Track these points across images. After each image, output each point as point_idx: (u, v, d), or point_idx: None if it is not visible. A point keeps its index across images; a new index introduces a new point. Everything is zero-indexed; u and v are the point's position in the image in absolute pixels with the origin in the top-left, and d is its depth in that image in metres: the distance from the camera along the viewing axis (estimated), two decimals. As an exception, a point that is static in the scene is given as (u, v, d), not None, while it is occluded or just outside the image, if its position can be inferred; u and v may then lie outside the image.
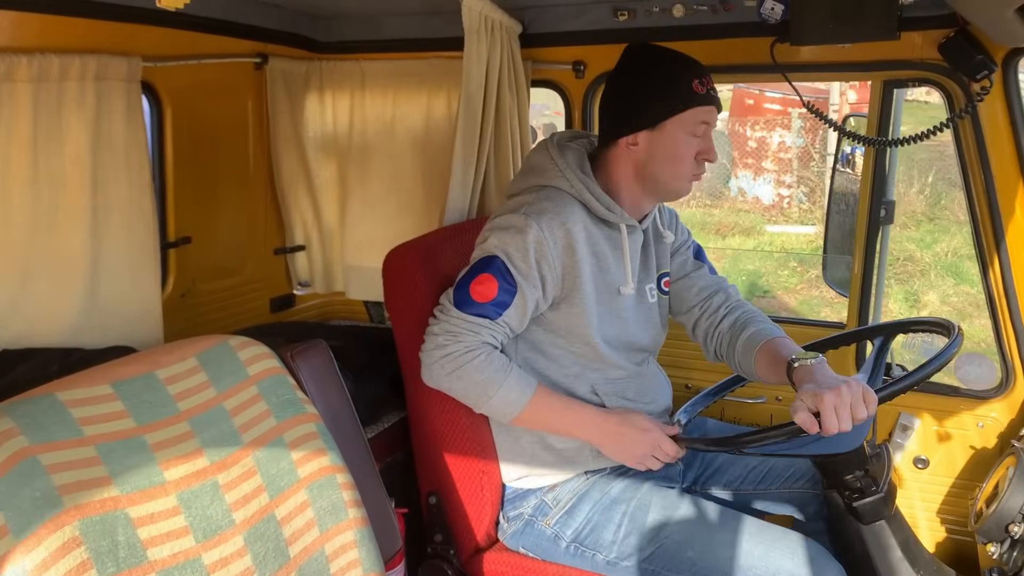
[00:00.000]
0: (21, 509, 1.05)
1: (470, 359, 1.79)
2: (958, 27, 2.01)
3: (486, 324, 1.82)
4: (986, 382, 2.23)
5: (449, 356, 1.79)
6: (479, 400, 1.82)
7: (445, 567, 2.04)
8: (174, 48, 2.30)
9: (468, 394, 1.83)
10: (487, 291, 1.82)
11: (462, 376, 1.80)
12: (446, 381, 1.82)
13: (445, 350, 1.80)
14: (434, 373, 1.82)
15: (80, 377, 1.26)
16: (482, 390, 1.80)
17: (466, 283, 1.84)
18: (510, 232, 1.83)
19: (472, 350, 1.80)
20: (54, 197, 1.97)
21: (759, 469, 2.09)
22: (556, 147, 1.96)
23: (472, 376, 1.79)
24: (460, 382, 1.81)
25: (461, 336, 1.80)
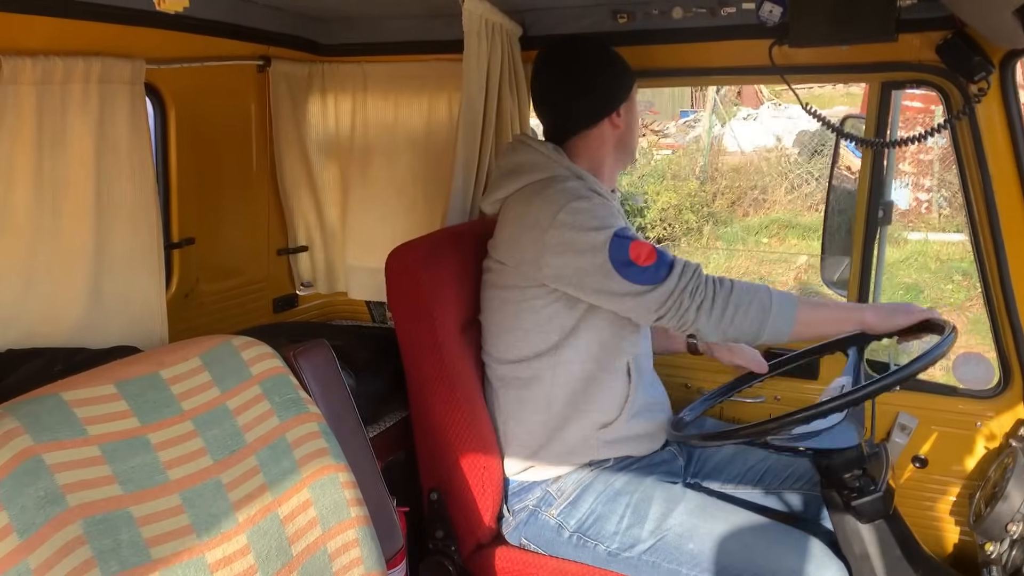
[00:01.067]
0: (25, 508, 1.06)
1: (720, 284, 1.80)
2: (956, 29, 2.01)
3: (685, 261, 1.83)
4: (984, 382, 2.24)
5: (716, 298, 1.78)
6: (763, 315, 1.79)
7: (446, 563, 2.06)
8: (178, 50, 2.31)
9: (750, 315, 1.79)
10: (645, 251, 1.82)
11: (739, 304, 1.78)
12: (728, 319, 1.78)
13: (701, 294, 1.78)
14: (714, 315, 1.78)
15: (84, 377, 1.27)
16: (761, 304, 1.79)
17: (632, 265, 1.81)
18: (585, 214, 1.85)
19: (713, 282, 1.80)
20: (58, 199, 1.98)
21: (758, 467, 2.11)
22: (538, 142, 2.05)
23: (742, 298, 1.79)
24: (739, 310, 1.78)
25: (695, 277, 1.79)
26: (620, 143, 2.08)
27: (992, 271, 2.14)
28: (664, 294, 1.78)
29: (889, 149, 2.34)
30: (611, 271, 1.81)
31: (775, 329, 1.80)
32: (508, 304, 1.98)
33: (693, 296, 1.78)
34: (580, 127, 2.05)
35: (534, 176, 1.98)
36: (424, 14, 2.58)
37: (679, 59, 2.35)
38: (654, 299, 1.79)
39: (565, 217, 1.85)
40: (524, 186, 1.98)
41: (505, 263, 1.97)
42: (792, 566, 1.74)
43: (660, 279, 1.79)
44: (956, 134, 2.13)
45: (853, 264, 2.37)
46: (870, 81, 2.29)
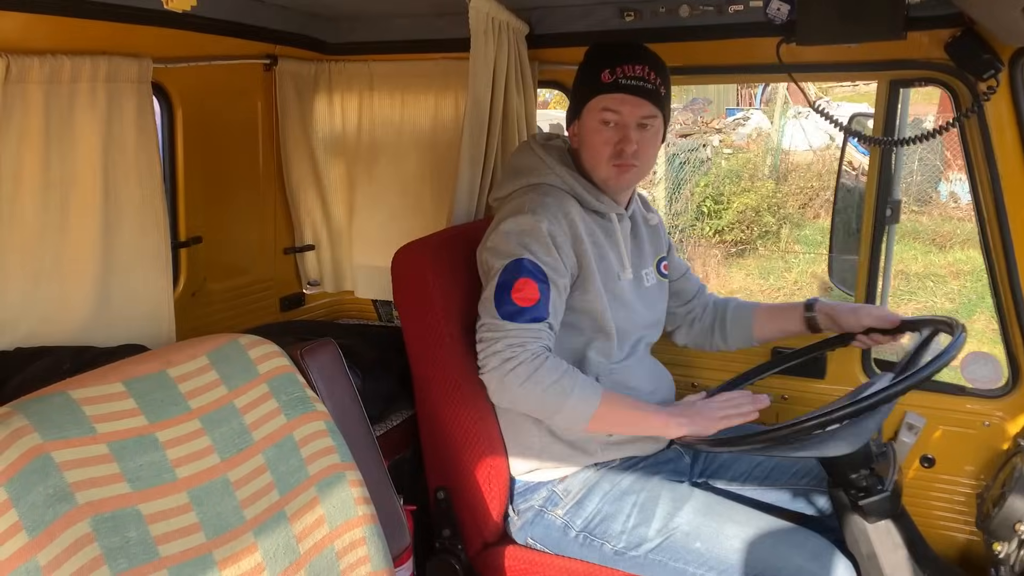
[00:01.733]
0: (34, 506, 1.07)
1: (540, 363, 1.77)
2: (965, 26, 2.01)
3: (543, 327, 1.81)
4: (992, 382, 2.23)
5: (521, 365, 1.76)
6: (556, 403, 1.78)
7: (453, 562, 2.06)
8: (185, 49, 2.32)
9: (545, 400, 1.78)
10: (529, 294, 1.81)
11: (538, 381, 1.76)
12: (522, 392, 1.77)
13: (515, 361, 1.77)
14: (509, 387, 1.78)
15: (92, 375, 1.28)
16: (559, 391, 1.77)
17: (506, 292, 1.82)
18: (525, 232, 1.86)
19: (539, 355, 1.78)
20: (66, 197, 1.99)
21: (765, 465, 2.10)
22: (541, 146, 2.04)
23: (546, 379, 1.76)
24: (537, 387, 1.76)
25: (527, 344, 1.78)
26: (584, 162, 2.02)
27: (1001, 269, 2.14)
28: (495, 330, 1.80)
29: (897, 148, 2.33)
30: (495, 278, 1.84)
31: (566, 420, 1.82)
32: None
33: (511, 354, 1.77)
34: None
35: (527, 180, 2.01)
36: (430, 12, 2.58)
37: (686, 57, 2.35)
38: (489, 326, 1.82)
39: (507, 223, 1.89)
40: (516, 189, 2.01)
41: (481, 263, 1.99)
42: (799, 565, 1.73)
43: (510, 318, 1.80)
44: (965, 132, 2.12)
45: (860, 263, 2.36)
46: (878, 79, 2.28)
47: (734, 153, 11.32)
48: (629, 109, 1.94)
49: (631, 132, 1.95)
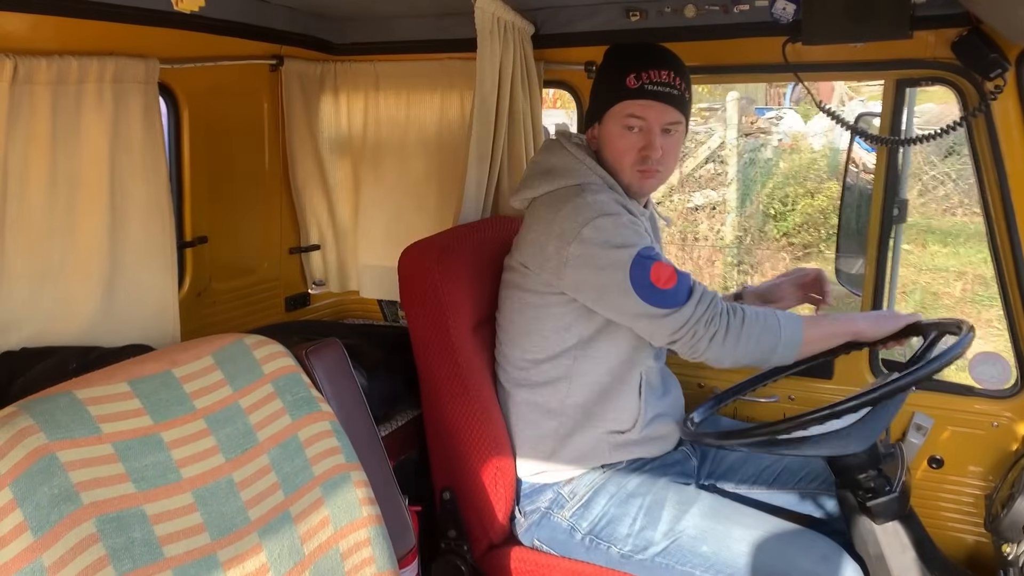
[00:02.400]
0: (40, 506, 1.07)
1: (735, 315, 1.80)
2: (971, 26, 2.00)
3: (700, 287, 1.83)
4: (1001, 382, 2.22)
5: (725, 327, 1.78)
6: (774, 340, 1.81)
7: (458, 563, 2.06)
8: (191, 50, 2.32)
9: (763, 342, 1.81)
10: (668, 273, 1.81)
11: (749, 332, 1.79)
12: (742, 347, 1.80)
13: (715, 325, 1.79)
14: (727, 350, 1.80)
15: (98, 375, 1.28)
16: (769, 330, 1.80)
17: (651, 287, 1.80)
18: (610, 231, 1.84)
19: (728, 311, 1.80)
20: (72, 198, 1.99)
21: (773, 468, 2.10)
22: (574, 146, 2.01)
23: (753, 326, 1.79)
24: (751, 339, 1.79)
25: (711, 306, 1.80)
26: (606, 166, 2.01)
27: (1009, 269, 2.13)
28: (680, 321, 1.79)
29: (904, 147, 2.32)
30: (629, 290, 1.79)
31: (783, 353, 1.83)
32: (528, 307, 1.98)
33: (708, 326, 1.78)
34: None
35: (566, 181, 1.95)
36: (436, 13, 2.58)
37: (692, 57, 2.33)
38: (670, 324, 1.80)
39: (589, 232, 1.83)
40: (555, 190, 1.96)
41: (528, 267, 1.96)
42: (807, 568, 1.73)
43: (678, 304, 1.79)
44: (972, 131, 2.12)
45: (868, 262, 2.36)
46: (885, 79, 2.27)
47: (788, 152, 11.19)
48: (655, 115, 1.92)
49: (656, 138, 1.93)
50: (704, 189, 8.67)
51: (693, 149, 8.73)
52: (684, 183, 8.72)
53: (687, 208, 8.62)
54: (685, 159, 8.59)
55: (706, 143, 8.68)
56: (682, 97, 1.95)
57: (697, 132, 8.89)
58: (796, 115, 11.70)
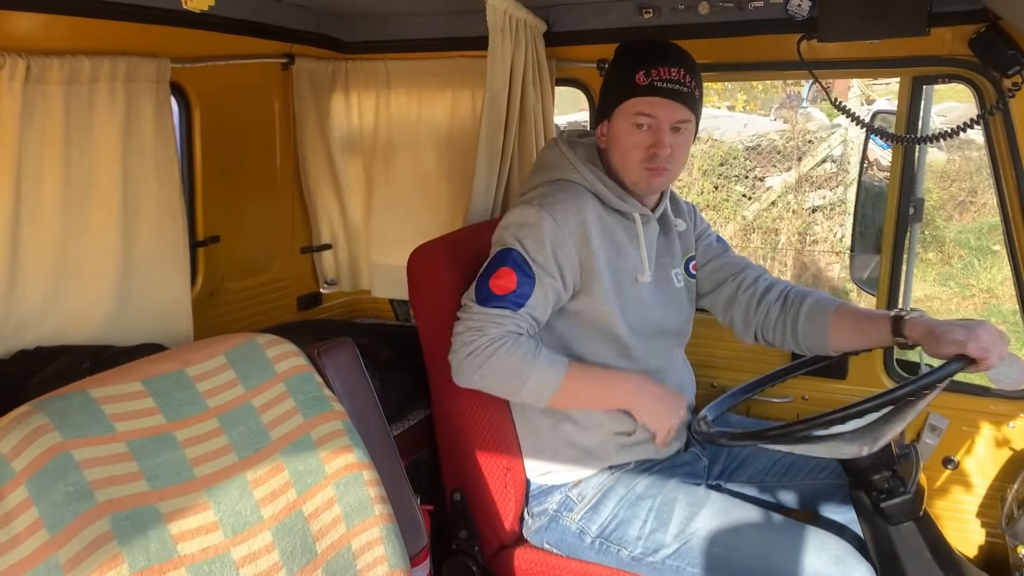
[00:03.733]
0: (55, 504, 1.07)
1: (496, 348, 1.78)
2: (989, 22, 1.98)
3: (508, 315, 1.82)
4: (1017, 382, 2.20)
5: (476, 351, 1.79)
6: (514, 387, 1.81)
7: (470, 563, 2.05)
8: (202, 49, 2.33)
9: (502, 384, 1.82)
10: (507, 283, 1.83)
11: (493, 367, 1.78)
12: (478, 376, 1.80)
13: (471, 346, 1.79)
14: (464, 371, 1.82)
15: (112, 374, 1.29)
16: (515, 375, 1.79)
17: (485, 279, 1.85)
18: (525, 225, 1.86)
19: (497, 340, 1.79)
20: (85, 197, 2.00)
21: (783, 462, 2.08)
22: (566, 143, 2.02)
23: (502, 364, 1.78)
24: (492, 374, 1.79)
25: (485, 329, 1.80)
26: (612, 164, 1.98)
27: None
28: (465, 317, 1.84)
29: (920, 145, 2.31)
30: (481, 272, 1.87)
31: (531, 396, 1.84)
32: None
33: (474, 333, 1.80)
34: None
35: (548, 176, 1.99)
36: (448, 11, 2.58)
37: (705, 54, 2.32)
38: (462, 316, 1.85)
39: (510, 216, 1.91)
40: (538, 184, 1.99)
41: None
42: (819, 568, 1.71)
43: (480, 302, 1.83)
44: (989, 129, 2.10)
45: (883, 262, 2.34)
46: (901, 76, 2.26)
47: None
48: (664, 113, 1.90)
49: (665, 136, 1.91)
50: (821, 189, 8.30)
51: (812, 147, 8.44)
52: (801, 183, 8.41)
53: (805, 209, 8.27)
54: (803, 158, 8.36)
55: (826, 140, 8.33)
56: (692, 95, 1.93)
57: (814, 130, 8.62)
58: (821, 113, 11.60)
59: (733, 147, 8.75)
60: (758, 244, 8.24)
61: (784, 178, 8.42)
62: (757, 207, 8.32)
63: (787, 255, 8.07)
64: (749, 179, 8.55)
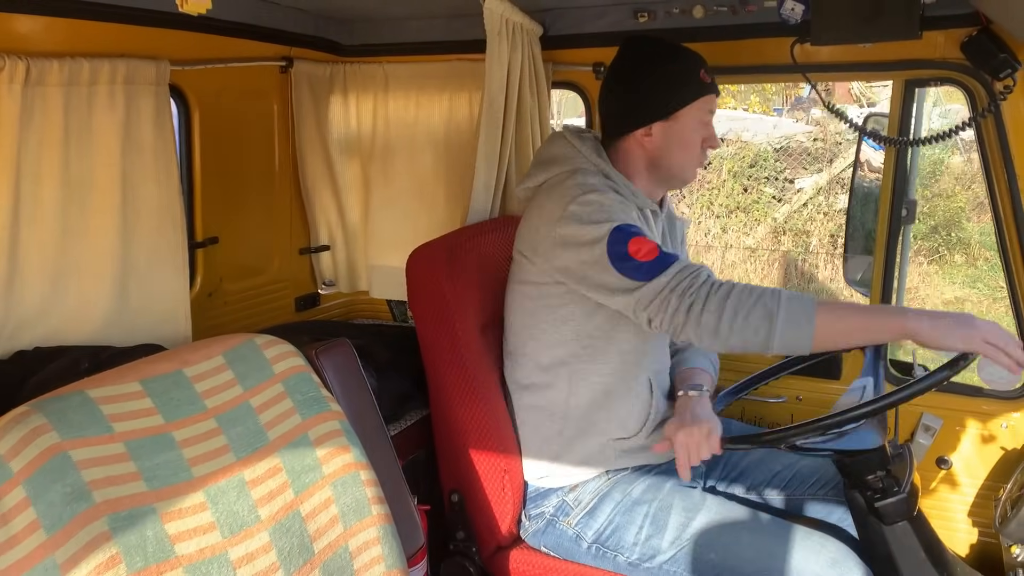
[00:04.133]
0: (52, 504, 1.08)
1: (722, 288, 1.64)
2: (981, 26, 1.99)
3: (688, 262, 1.73)
4: (1010, 383, 2.21)
5: (708, 299, 1.63)
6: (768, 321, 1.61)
7: (467, 564, 2.06)
8: (201, 52, 2.34)
9: (751, 320, 1.62)
10: (648, 247, 1.72)
11: (738, 307, 1.62)
12: (726, 324, 1.62)
13: (692, 296, 1.65)
14: (707, 325, 1.64)
15: (110, 375, 1.29)
16: (766, 309, 1.61)
17: (627, 263, 1.72)
18: (595, 206, 1.80)
19: (708, 283, 1.66)
20: (84, 199, 2.01)
21: (783, 474, 2.08)
22: (575, 136, 2.00)
23: (742, 301, 1.62)
24: (738, 314, 1.62)
25: (691, 276, 1.67)
26: (652, 164, 1.98)
27: (1018, 268, 2.12)
28: (653, 291, 1.68)
29: (912, 148, 2.32)
30: (607, 264, 1.74)
31: (789, 339, 1.61)
32: (527, 300, 1.98)
33: (683, 296, 1.66)
34: (611, 134, 2.01)
35: (561, 168, 1.96)
36: (445, 14, 2.59)
37: None
38: (645, 295, 1.70)
39: (575, 209, 1.81)
40: (552, 176, 1.96)
41: (525, 255, 1.96)
42: (816, 572, 1.72)
43: (653, 275, 1.69)
44: (981, 132, 2.11)
45: (876, 263, 2.35)
46: (894, 79, 2.27)
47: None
48: (715, 107, 2.02)
49: (714, 129, 2.01)
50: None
51: (844, 148, 8.40)
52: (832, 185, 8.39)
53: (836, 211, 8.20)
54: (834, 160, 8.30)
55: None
56: None
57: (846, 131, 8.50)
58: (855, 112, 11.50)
59: (763, 149, 8.69)
60: (789, 246, 8.20)
61: (815, 180, 8.36)
62: (788, 209, 8.26)
63: (818, 257, 8.03)
64: (779, 181, 8.50)
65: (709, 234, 8.57)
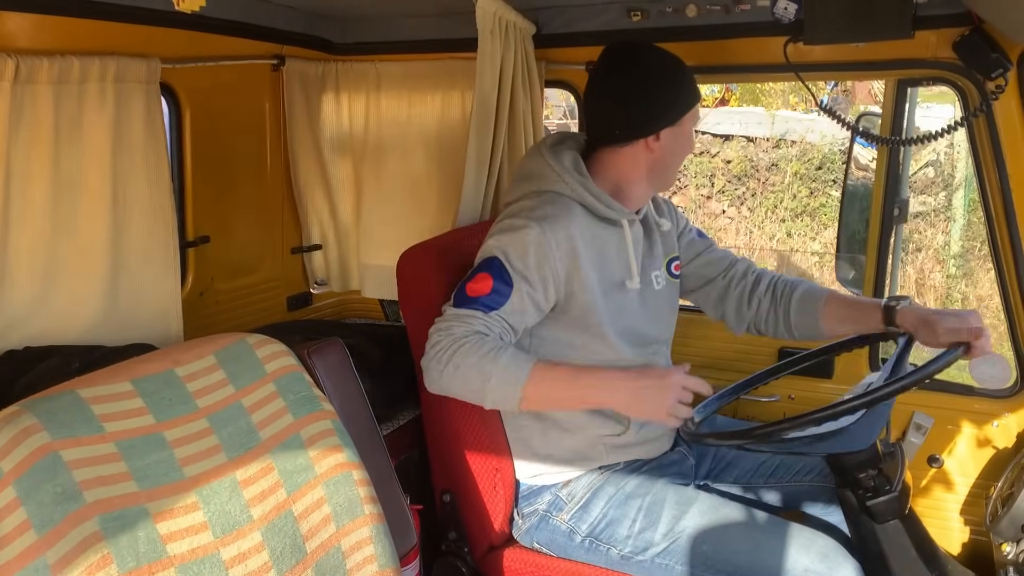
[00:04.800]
0: (43, 504, 1.07)
1: (459, 346, 1.70)
2: (973, 25, 2.00)
3: (479, 315, 1.75)
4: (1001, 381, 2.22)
5: (441, 350, 1.71)
6: (480, 387, 1.69)
7: (459, 564, 2.06)
8: (193, 50, 2.33)
9: (468, 384, 1.70)
10: (481, 287, 1.79)
11: (458, 365, 1.69)
12: (444, 377, 1.71)
13: (437, 347, 1.72)
14: (432, 374, 1.74)
15: (101, 374, 1.29)
16: (477, 373, 1.68)
17: (463, 284, 1.82)
18: (508, 233, 1.82)
19: (461, 338, 1.71)
20: (75, 197, 2.00)
21: (769, 463, 2.10)
22: (550, 151, 1.96)
23: (465, 361, 1.68)
24: (457, 372, 1.69)
25: (452, 329, 1.73)
26: (654, 169, 1.97)
27: (1009, 268, 2.13)
28: (441, 319, 1.78)
29: (904, 147, 2.33)
30: (459, 284, 1.84)
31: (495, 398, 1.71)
32: None
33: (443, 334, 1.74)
34: (611, 142, 1.96)
35: (533, 187, 1.94)
36: (437, 13, 2.58)
37: (693, 57, 2.33)
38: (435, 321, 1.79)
39: (496, 227, 1.87)
40: (524, 194, 1.95)
41: None
42: (806, 566, 1.73)
43: (455, 304, 1.78)
44: (973, 131, 2.12)
45: (868, 263, 2.36)
46: (886, 78, 2.28)
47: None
48: None
49: None
50: (923, 195, 8.07)
51: (915, 151, 8.13)
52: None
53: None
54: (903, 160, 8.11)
55: (929, 145, 7.89)
56: None
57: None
58: (945, 108, 11.31)
59: (831, 151, 8.50)
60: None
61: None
62: (855, 212, 8.09)
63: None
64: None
65: (775, 238, 8.40)
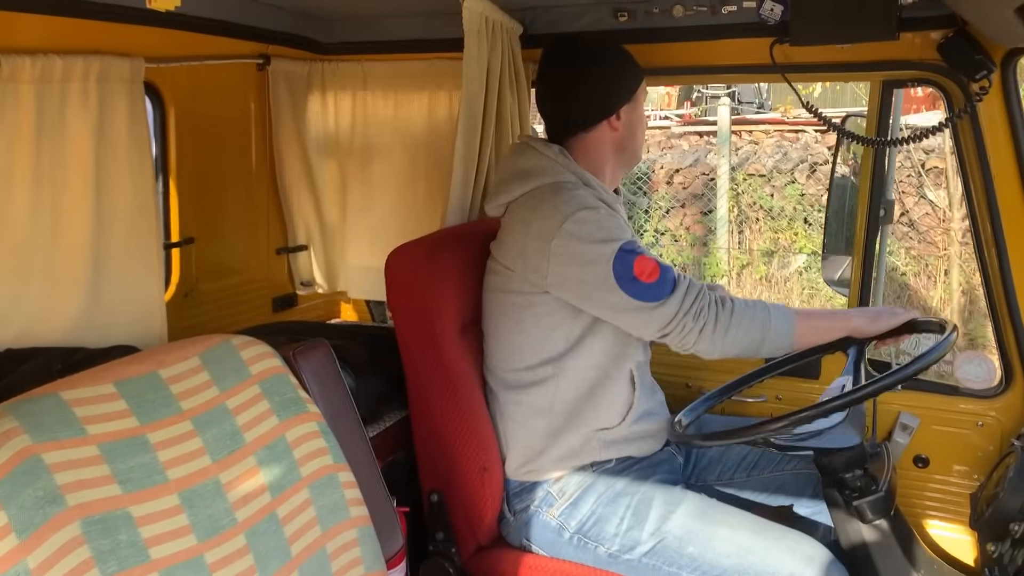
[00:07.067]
0: (24, 508, 1.06)
1: (730, 308, 1.83)
2: (957, 27, 2.01)
3: (689, 280, 1.84)
4: (986, 382, 2.24)
5: (718, 320, 1.81)
6: (763, 332, 1.84)
7: (447, 565, 2.05)
8: (177, 49, 2.31)
9: (751, 334, 1.84)
10: (651, 267, 1.83)
11: (740, 323, 1.82)
12: (731, 339, 1.83)
13: (705, 317, 1.81)
14: (719, 342, 1.83)
15: (83, 376, 1.27)
16: (761, 321, 1.83)
17: (635, 281, 1.82)
18: (592, 224, 1.85)
19: (716, 302, 1.83)
20: (58, 198, 1.98)
21: (750, 458, 2.12)
22: (544, 145, 2.02)
23: (743, 317, 1.83)
24: (740, 329, 1.82)
25: (699, 298, 1.82)
26: (619, 146, 2.05)
27: (994, 270, 2.14)
28: (668, 314, 1.81)
29: (890, 148, 2.34)
30: (614, 285, 1.81)
31: (773, 345, 1.87)
32: (512, 309, 1.97)
33: (696, 318, 1.81)
34: (576, 128, 2.03)
35: (540, 181, 1.96)
36: (424, 12, 2.58)
37: (680, 58, 2.35)
38: (658, 317, 1.82)
39: (571, 227, 1.84)
40: (530, 191, 1.96)
41: (511, 268, 1.95)
42: (792, 568, 1.73)
43: (662, 297, 1.81)
44: (957, 133, 2.13)
45: (854, 263, 2.37)
46: (871, 80, 2.29)
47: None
48: None
49: None
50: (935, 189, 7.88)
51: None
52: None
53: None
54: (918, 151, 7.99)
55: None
56: None
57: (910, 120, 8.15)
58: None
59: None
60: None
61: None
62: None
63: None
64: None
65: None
